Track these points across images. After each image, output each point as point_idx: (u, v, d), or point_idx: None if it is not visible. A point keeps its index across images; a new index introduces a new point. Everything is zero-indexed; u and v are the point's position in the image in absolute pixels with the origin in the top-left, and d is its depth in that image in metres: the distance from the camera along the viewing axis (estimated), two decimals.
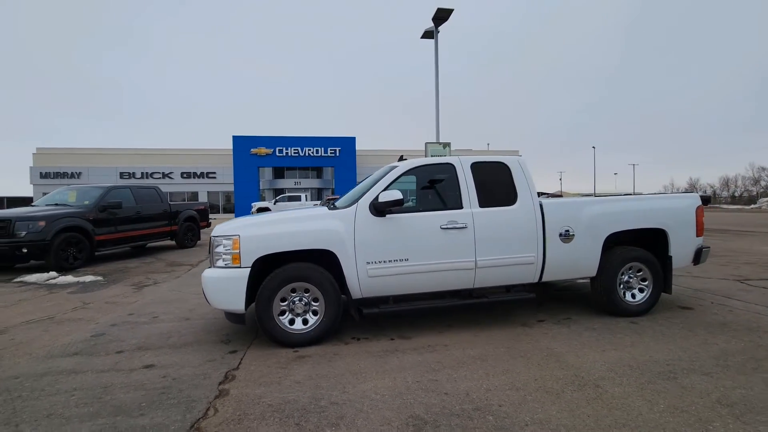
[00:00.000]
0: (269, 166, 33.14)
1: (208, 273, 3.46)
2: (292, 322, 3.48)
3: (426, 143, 14.83)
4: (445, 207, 3.88)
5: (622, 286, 4.13)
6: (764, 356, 3.05)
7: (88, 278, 6.74)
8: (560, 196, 8.55)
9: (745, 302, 4.60)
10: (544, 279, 4.02)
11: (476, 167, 3.96)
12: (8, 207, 14.61)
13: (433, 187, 4.13)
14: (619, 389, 2.58)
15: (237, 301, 3.35)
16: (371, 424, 2.22)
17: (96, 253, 8.55)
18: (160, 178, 36.31)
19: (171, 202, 11.06)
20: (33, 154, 37.19)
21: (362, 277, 3.54)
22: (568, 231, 3.94)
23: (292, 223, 3.62)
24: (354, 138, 32.74)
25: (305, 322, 3.50)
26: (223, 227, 3.55)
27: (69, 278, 6.70)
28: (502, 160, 4.05)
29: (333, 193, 33.75)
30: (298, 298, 3.48)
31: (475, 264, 3.74)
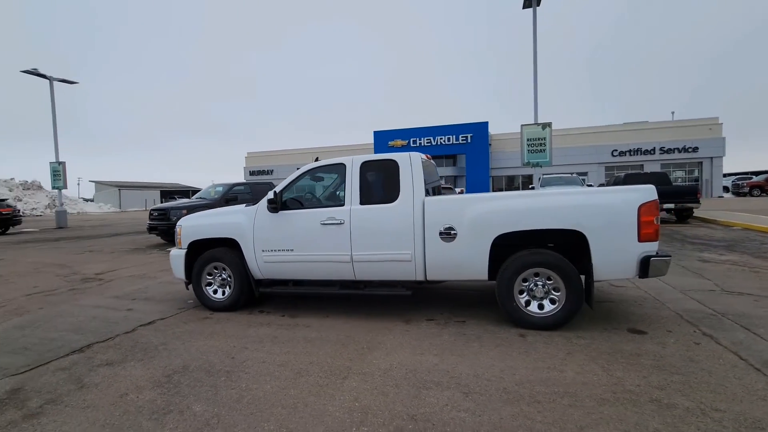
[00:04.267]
0: None
1: (171, 251, 4.89)
2: (215, 292, 4.59)
3: (522, 125, 13.67)
4: (333, 204, 4.25)
5: (525, 294, 3.63)
6: (588, 395, 2.46)
7: None
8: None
9: (753, 335, 3.26)
10: (429, 278, 3.92)
11: (366, 165, 4.15)
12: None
13: (329, 186, 4.51)
14: (354, 384, 2.69)
15: (180, 272, 4.67)
16: (159, 362, 3.12)
17: None
18: None
19: None
20: (245, 157, 49.77)
21: (259, 262, 4.34)
22: (449, 230, 3.73)
23: (213, 217, 4.71)
24: (486, 123, 31.35)
25: (223, 293, 4.56)
26: (181, 219, 4.91)
27: None
28: (392, 158, 4.09)
29: (466, 181, 33.42)
30: (218, 274, 4.57)
31: (351, 258, 4.02)
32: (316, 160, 4.64)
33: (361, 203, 4.04)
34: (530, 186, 24.29)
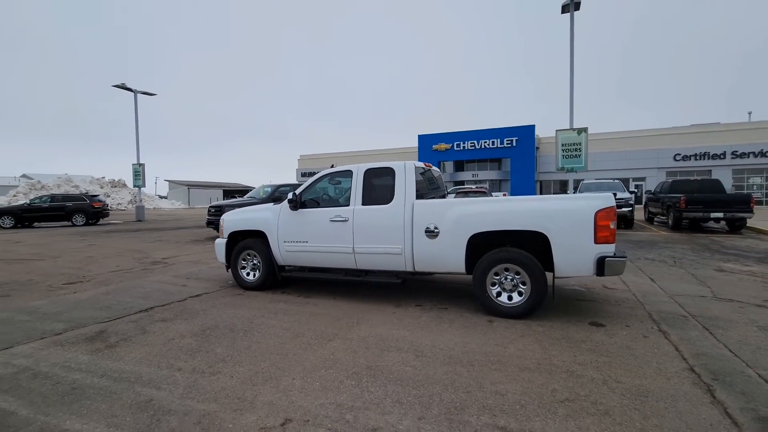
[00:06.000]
0: (449, 160, 35.36)
1: (216, 240, 5.98)
2: (248, 274, 5.60)
3: (556, 130, 13.65)
4: (341, 204, 5.03)
5: (496, 286, 4.17)
6: (515, 364, 3.01)
7: None
8: None
9: (707, 334, 3.54)
10: (417, 269, 4.57)
11: (369, 172, 4.90)
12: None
13: (339, 189, 5.30)
14: (335, 345, 3.45)
15: (222, 258, 5.73)
16: (198, 321, 4.10)
17: None
18: None
19: None
20: (298, 159, 52.65)
21: (282, 250, 5.26)
22: (434, 229, 4.36)
23: (248, 213, 5.70)
24: (533, 126, 30.58)
25: (254, 275, 5.54)
26: (224, 214, 5.98)
27: None
28: (390, 166, 4.79)
29: (510, 185, 32.85)
30: (250, 260, 5.56)
31: (353, 250, 4.78)
32: (332, 166, 5.47)
33: (363, 204, 4.80)
34: (567, 191, 23.51)
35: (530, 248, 4.11)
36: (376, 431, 2.18)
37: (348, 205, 4.90)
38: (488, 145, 31.86)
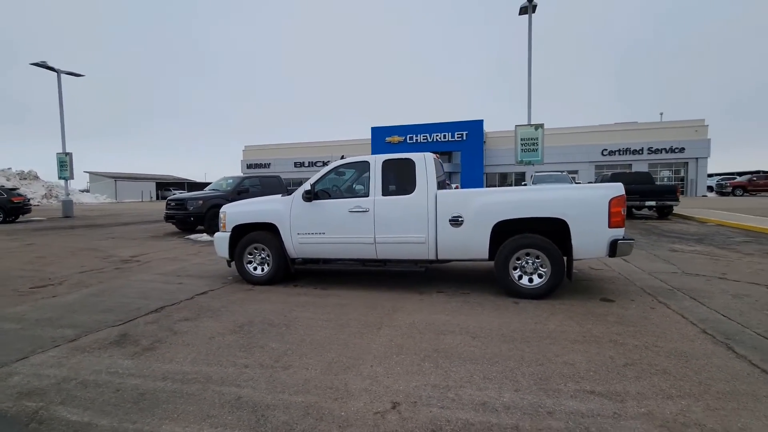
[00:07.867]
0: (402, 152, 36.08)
1: (216, 234, 5.64)
2: (255, 269, 5.37)
3: (516, 126, 14.49)
4: (359, 195, 5.03)
5: (517, 270, 4.47)
6: (564, 338, 3.31)
7: None
8: None
9: (697, 303, 4.13)
10: (440, 257, 4.74)
11: (387, 163, 4.94)
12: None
13: (355, 180, 5.30)
14: (388, 332, 3.50)
15: (224, 252, 5.43)
16: (227, 318, 3.90)
17: None
18: (321, 165, 43.85)
19: (290, 188, 14.51)
20: (243, 150, 50.11)
21: (295, 243, 5.12)
22: (457, 217, 4.55)
23: (255, 205, 5.48)
24: (481, 121, 32.28)
25: (262, 270, 5.34)
26: (224, 207, 5.66)
27: (208, 237, 10.32)
28: (409, 157, 4.88)
29: (460, 178, 34.33)
30: (258, 254, 5.34)
31: (374, 240, 4.82)
32: (342, 157, 5.41)
33: (383, 194, 4.84)
34: (523, 183, 25.28)
35: (547, 234, 4.46)
36: (485, 404, 2.32)
37: (367, 195, 4.90)
38: (440, 138, 32.95)
